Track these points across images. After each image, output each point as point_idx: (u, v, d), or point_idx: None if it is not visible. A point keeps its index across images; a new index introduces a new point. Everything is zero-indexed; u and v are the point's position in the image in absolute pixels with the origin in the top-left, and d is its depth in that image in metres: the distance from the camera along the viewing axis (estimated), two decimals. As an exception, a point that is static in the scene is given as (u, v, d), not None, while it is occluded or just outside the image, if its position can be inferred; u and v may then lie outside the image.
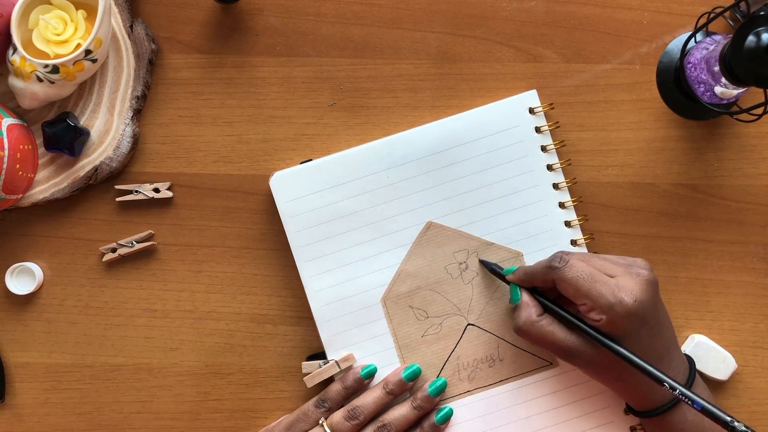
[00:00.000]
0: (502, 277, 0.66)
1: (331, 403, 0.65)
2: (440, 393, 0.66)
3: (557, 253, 0.61)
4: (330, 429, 0.63)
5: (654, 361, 0.59)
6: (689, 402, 0.55)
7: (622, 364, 0.59)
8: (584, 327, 0.59)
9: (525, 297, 0.63)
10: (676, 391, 0.56)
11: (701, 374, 0.70)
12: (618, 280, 0.59)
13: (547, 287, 0.63)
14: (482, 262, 0.68)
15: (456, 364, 0.68)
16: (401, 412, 0.65)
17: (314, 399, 0.66)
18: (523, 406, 0.68)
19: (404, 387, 0.66)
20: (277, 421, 0.68)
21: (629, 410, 0.65)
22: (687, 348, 0.70)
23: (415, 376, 0.67)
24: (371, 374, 0.67)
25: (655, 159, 0.71)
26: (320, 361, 0.68)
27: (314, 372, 0.68)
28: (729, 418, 0.53)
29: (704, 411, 0.54)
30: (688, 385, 0.61)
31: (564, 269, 0.59)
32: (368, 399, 0.65)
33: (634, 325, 0.58)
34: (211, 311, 0.71)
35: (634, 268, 0.60)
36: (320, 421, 0.65)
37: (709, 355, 0.69)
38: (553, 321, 0.61)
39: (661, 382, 0.56)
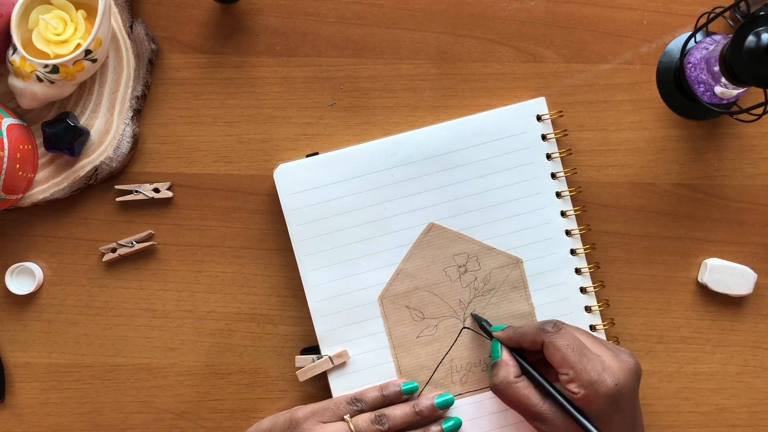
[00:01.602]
0: (489, 334, 0.66)
1: (364, 406, 0.65)
2: (445, 408, 0.67)
3: (551, 320, 0.62)
4: (354, 427, 0.63)
5: None
6: None
7: None
8: (560, 398, 0.59)
9: (505, 355, 0.63)
10: None
11: (725, 296, 0.70)
12: (605, 359, 0.59)
13: (530, 350, 0.63)
14: (474, 317, 0.68)
15: (449, 367, 0.68)
16: (403, 410, 0.65)
17: (349, 395, 0.66)
18: (513, 412, 0.67)
19: (434, 412, 0.66)
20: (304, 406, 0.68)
21: None
22: (703, 276, 0.70)
23: (447, 405, 0.67)
24: (411, 391, 0.67)
25: (655, 159, 0.71)
26: (314, 356, 0.68)
27: (307, 366, 0.68)
28: None
29: None
30: None
31: (556, 335, 0.60)
32: (397, 412, 0.65)
33: (609, 409, 0.58)
34: (211, 311, 0.71)
35: (622, 355, 0.61)
36: (345, 417, 0.64)
37: (727, 273, 0.69)
38: (530, 384, 0.61)
39: None
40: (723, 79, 0.61)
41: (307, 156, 0.69)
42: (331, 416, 0.64)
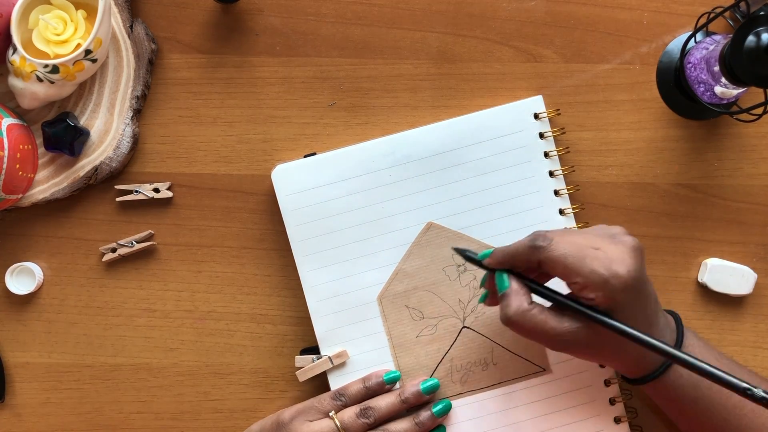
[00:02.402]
0: (480, 264, 0.61)
1: (348, 400, 0.65)
2: (431, 392, 0.66)
3: (536, 232, 0.58)
4: (340, 422, 0.63)
5: (646, 327, 0.57)
6: (695, 369, 0.52)
7: (618, 339, 0.56)
8: (586, 310, 0.56)
9: (515, 284, 0.58)
10: (677, 359, 0.53)
11: (725, 296, 0.70)
12: (606, 251, 0.55)
13: (526, 268, 0.59)
14: (456, 250, 0.63)
15: (449, 366, 0.68)
16: (389, 400, 0.65)
17: (332, 392, 0.66)
18: (514, 411, 0.67)
19: (420, 399, 0.66)
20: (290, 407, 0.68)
21: (625, 381, 0.62)
22: (703, 276, 0.70)
23: (432, 390, 0.66)
24: (394, 380, 0.67)
25: (655, 159, 0.71)
26: (313, 356, 0.68)
27: (307, 367, 0.68)
28: (743, 384, 0.50)
29: (710, 376, 0.52)
30: (678, 342, 0.59)
31: (551, 248, 0.56)
32: (382, 403, 0.65)
33: (630, 297, 0.55)
34: (211, 311, 0.71)
35: (617, 237, 0.57)
36: (330, 413, 0.64)
37: (727, 273, 0.70)
38: (544, 308, 0.57)
39: (667, 354, 0.54)
40: (723, 79, 0.61)
41: (305, 156, 0.69)
42: (316, 414, 0.64)
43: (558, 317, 0.57)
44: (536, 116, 0.68)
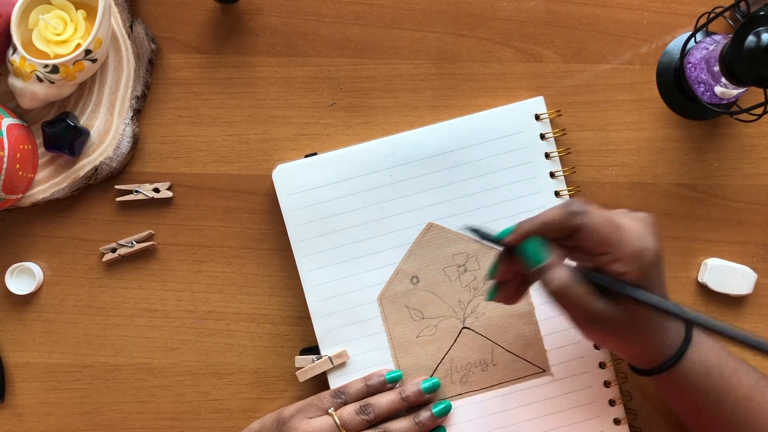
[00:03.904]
0: (498, 242, 0.57)
1: (348, 398, 0.65)
2: (431, 392, 0.66)
3: (565, 201, 0.56)
4: (339, 419, 0.63)
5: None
6: (736, 339, 0.51)
7: (644, 325, 0.55)
8: (627, 289, 0.53)
9: (557, 257, 0.55)
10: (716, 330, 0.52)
11: (725, 296, 0.70)
12: (632, 226, 0.54)
13: (553, 238, 0.56)
14: (470, 229, 0.59)
15: (449, 367, 0.68)
16: (389, 398, 0.65)
17: (332, 390, 0.66)
18: (514, 412, 0.67)
19: (421, 397, 0.66)
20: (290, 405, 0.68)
21: (636, 373, 0.61)
22: (703, 276, 0.70)
23: (433, 389, 0.66)
24: (395, 380, 0.67)
25: (655, 159, 0.71)
26: (313, 356, 0.68)
27: (307, 367, 0.68)
28: None
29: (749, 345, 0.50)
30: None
31: (589, 216, 0.53)
32: (382, 400, 0.65)
33: (656, 271, 0.54)
34: (211, 311, 0.71)
35: (631, 214, 0.56)
36: (330, 410, 0.64)
37: (727, 273, 0.70)
38: (586, 284, 0.54)
39: (708, 327, 0.52)
40: (723, 79, 0.61)
41: (306, 156, 0.69)
42: (316, 411, 0.64)
43: (596, 295, 0.54)
44: (537, 117, 0.68)
